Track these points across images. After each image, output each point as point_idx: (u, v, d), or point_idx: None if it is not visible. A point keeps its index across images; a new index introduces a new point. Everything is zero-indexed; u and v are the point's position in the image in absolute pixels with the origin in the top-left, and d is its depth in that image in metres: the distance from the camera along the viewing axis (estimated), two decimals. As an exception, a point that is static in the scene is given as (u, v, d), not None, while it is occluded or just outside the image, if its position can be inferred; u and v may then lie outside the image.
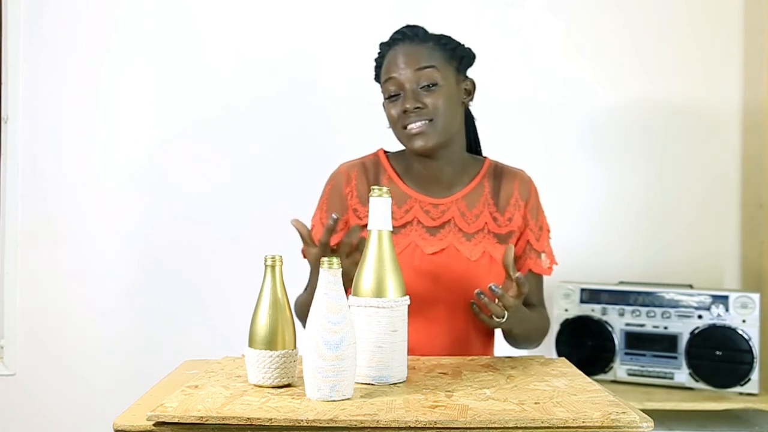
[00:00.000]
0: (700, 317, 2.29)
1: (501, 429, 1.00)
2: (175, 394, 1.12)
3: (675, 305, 2.32)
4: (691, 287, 2.40)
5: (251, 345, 1.20)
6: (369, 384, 1.19)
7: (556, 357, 1.72)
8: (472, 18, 2.65)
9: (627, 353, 2.34)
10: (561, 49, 2.67)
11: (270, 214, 2.61)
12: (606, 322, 2.36)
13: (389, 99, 1.53)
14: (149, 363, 2.07)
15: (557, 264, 1.66)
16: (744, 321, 2.24)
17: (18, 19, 2.66)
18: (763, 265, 2.55)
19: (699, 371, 2.27)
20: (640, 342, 2.33)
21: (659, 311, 2.33)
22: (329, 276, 1.11)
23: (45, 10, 2.67)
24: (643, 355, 2.33)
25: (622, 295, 2.37)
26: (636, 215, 2.66)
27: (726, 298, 2.27)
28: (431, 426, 1.00)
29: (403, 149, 1.60)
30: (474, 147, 1.69)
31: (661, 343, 2.31)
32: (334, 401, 1.08)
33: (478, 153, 1.70)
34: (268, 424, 1.01)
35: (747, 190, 2.64)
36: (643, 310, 2.34)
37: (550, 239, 1.66)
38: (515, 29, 2.68)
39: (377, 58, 1.59)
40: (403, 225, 1.55)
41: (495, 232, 1.58)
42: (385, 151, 1.65)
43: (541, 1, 2.68)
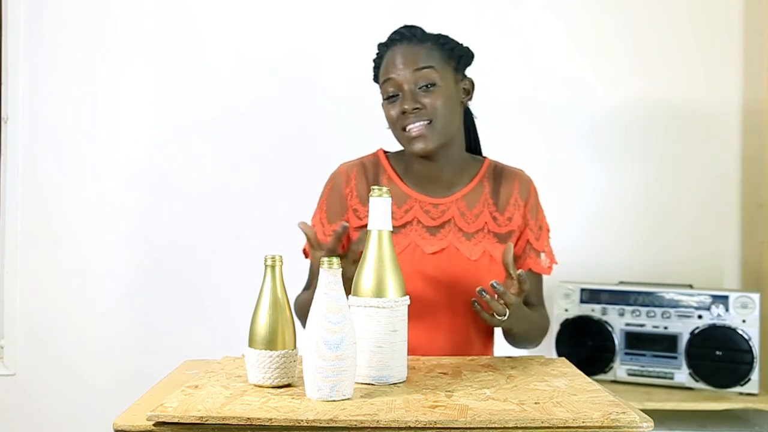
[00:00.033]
0: (700, 317, 2.29)
1: (501, 429, 1.00)
2: (175, 394, 1.12)
3: (675, 305, 2.32)
4: (691, 287, 2.40)
5: (251, 345, 1.20)
6: (369, 384, 1.19)
7: (556, 357, 1.72)
8: (472, 18, 2.65)
9: (627, 353, 2.34)
10: (561, 49, 2.67)
11: (270, 214, 2.62)
12: (606, 322, 2.36)
13: (388, 99, 1.54)
14: (149, 363, 2.07)
15: (557, 263, 1.66)
16: (744, 321, 2.24)
17: (18, 19, 2.66)
18: (763, 265, 2.55)
19: (699, 371, 2.27)
20: (640, 342, 2.33)
21: (659, 311, 2.33)
22: (329, 276, 1.11)
23: (45, 10, 2.67)
24: (643, 355, 2.33)
25: (622, 295, 2.37)
26: (636, 215, 2.66)
27: (726, 298, 2.27)
28: (431, 426, 1.00)
29: (403, 149, 1.60)
30: (474, 146, 1.69)
31: (661, 343, 2.31)
32: (334, 401, 1.08)
33: (478, 152, 1.70)
34: (268, 424, 1.01)
35: (747, 190, 2.64)
36: (643, 310, 2.34)
37: (549, 239, 1.66)
38: (515, 29, 2.68)
39: (375, 58, 1.59)
40: (403, 225, 1.55)
41: (495, 231, 1.58)
42: (385, 151, 1.66)
43: (541, 1, 2.68)
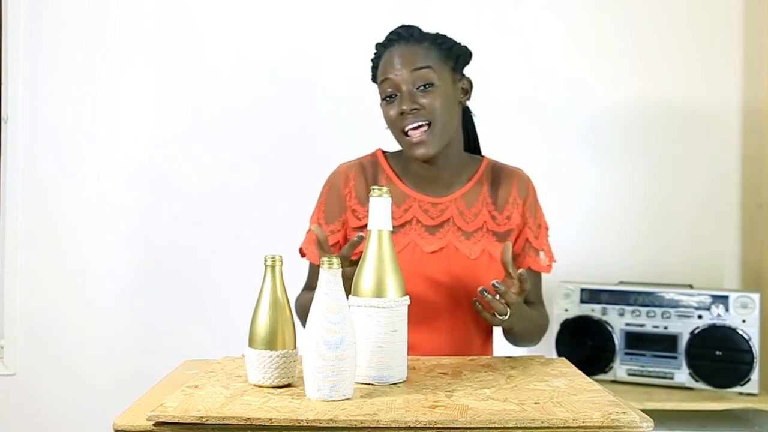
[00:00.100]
0: (700, 317, 2.29)
1: (501, 429, 1.00)
2: (175, 394, 1.12)
3: (675, 305, 2.32)
4: (691, 287, 2.39)
5: (251, 345, 1.20)
6: (369, 384, 1.19)
7: (556, 357, 1.72)
8: (472, 18, 2.65)
9: (627, 353, 2.34)
10: (561, 49, 2.67)
11: (270, 214, 2.62)
12: (606, 322, 2.36)
13: (386, 100, 1.54)
14: (149, 363, 2.08)
15: (556, 262, 1.66)
16: (744, 321, 2.24)
17: (18, 19, 2.66)
18: (763, 265, 2.55)
19: (699, 371, 2.27)
20: (640, 342, 2.33)
21: (659, 311, 2.33)
22: (329, 276, 1.11)
23: (45, 10, 2.67)
24: (643, 355, 2.33)
25: (622, 295, 2.37)
26: (636, 215, 2.66)
27: (726, 298, 2.27)
28: (431, 426, 1.00)
29: (401, 149, 1.60)
30: (473, 146, 1.69)
31: (661, 343, 2.31)
32: (334, 401, 1.08)
33: (477, 151, 1.70)
34: (268, 424, 1.01)
35: (747, 190, 2.64)
36: (643, 310, 2.34)
37: (548, 237, 1.66)
38: (515, 29, 2.68)
39: (373, 58, 1.59)
40: (402, 224, 1.55)
41: (494, 230, 1.58)
42: (384, 151, 1.66)
43: (541, 1, 2.68)
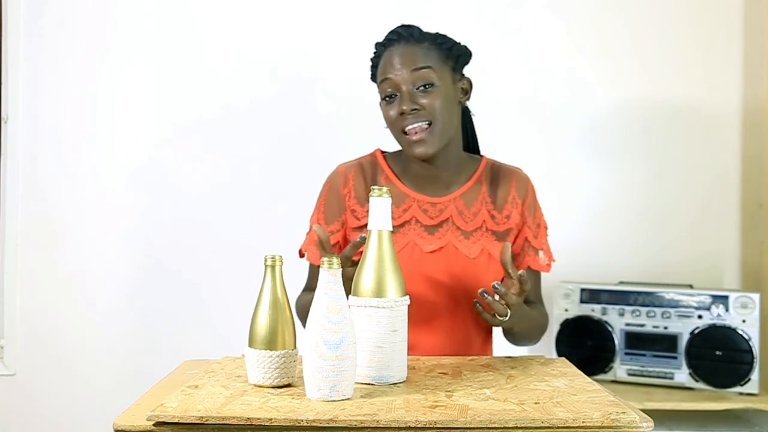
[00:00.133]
0: (700, 317, 2.29)
1: (501, 429, 1.00)
2: (175, 394, 1.12)
3: (675, 305, 2.32)
4: (691, 287, 2.39)
5: (251, 345, 1.20)
6: (369, 384, 1.19)
7: (556, 357, 1.72)
8: (472, 18, 2.65)
9: (627, 353, 2.34)
10: (561, 49, 2.67)
11: (270, 214, 2.62)
12: (606, 322, 2.36)
13: (385, 100, 1.53)
14: (149, 363, 2.08)
15: (555, 261, 1.66)
16: (744, 321, 2.24)
17: (18, 19, 2.66)
18: (763, 265, 2.55)
19: (699, 371, 2.27)
20: (640, 342, 2.33)
21: (659, 311, 2.33)
22: (329, 276, 1.11)
23: (45, 10, 2.67)
24: (643, 355, 2.33)
25: (622, 295, 2.37)
26: (636, 215, 2.66)
27: (726, 298, 2.27)
28: (431, 426, 1.00)
29: (400, 149, 1.60)
30: (472, 145, 1.69)
31: (661, 343, 2.31)
32: (334, 401, 1.08)
33: (476, 151, 1.70)
34: (268, 424, 1.01)
35: (747, 190, 2.64)
36: (643, 310, 2.34)
37: (547, 236, 1.66)
38: (515, 29, 2.68)
39: (373, 57, 1.59)
40: (402, 224, 1.55)
41: (493, 229, 1.58)
42: (383, 152, 1.65)
43: (541, 1, 2.68)
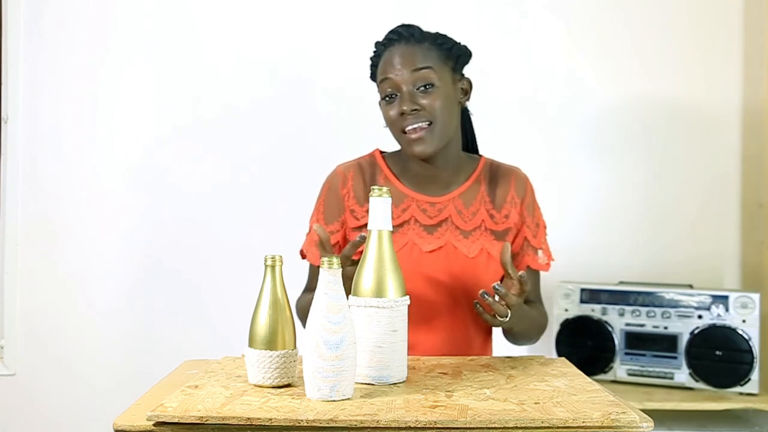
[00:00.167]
0: (700, 317, 2.29)
1: (501, 429, 1.00)
2: (175, 394, 1.12)
3: (675, 305, 2.32)
4: (691, 287, 2.39)
5: (251, 345, 1.20)
6: (369, 384, 1.19)
7: (556, 357, 1.72)
8: (472, 18, 2.65)
9: (627, 353, 2.34)
10: (561, 49, 2.67)
11: (270, 214, 2.62)
12: (606, 322, 2.36)
13: (385, 99, 1.53)
14: (149, 363, 2.07)
15: (554, 260, 1.66)
16: (744, 321, 2.24)
17: (18, 19, 2.66)
18: (763, 265, 2.55)
19: (699, 371, 2.27)
20: (640, 342, 2.33)
21: (659, 311, 2.33)
22: (329, 276, 1.11)
23: (45, 10, 2.67)
24: (643, 355, 2.33)
25: (622, 295, 2.37)
26: (636, 215, 2.66)
27: (726, 298, 2.27)
28: (431, 426, 1.00)
29: (399, 149, 1.60)
30: (470, 145, 1.69)
31: (661, 343, 2.31)
32: (334, 401, 1.08)
33: (474, 151, 1.70)
34: (268, 424, 1.01)
35: (747, 190, 2.64)
36: (643, 310, 2.34)
37: (546, 236, 1.66)
38: (515, 29, 2.68)
39: (373, 57, 1.59)
40: (401, 224, 1.55)
41: (492, 229, 1.58)
42: (381, 152, 1.65)
43: (541, 1, 2.68)
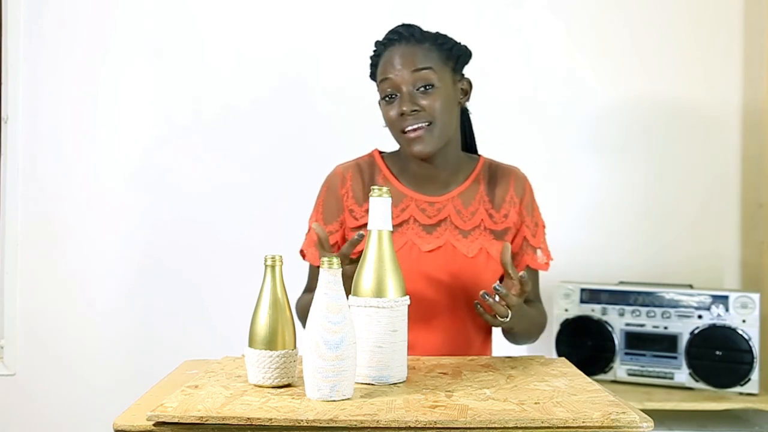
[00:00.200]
0: (700, 317, 2.29)
1: (501, 429, 1.00)
2: (175, 394, 1.12)
3: (675, 305, 2.32)
4: (691, 287, 2.39)
5: (251, 345, 1.20)
6: (369, 384, 1.19)
7: (556, 357, 1.72)
8: (472, 18, 2.65)
9: (627, 353, 2.34)
10: (561, 49, 2.67)
11: (270, 214, 2.62)
12: (606, 322, 2.36)
13: (385, 99, 1.53)
14: (149, 363, 2.07)
15: (553, 260, 1.66)
16: (744, 321, 2.24)
17: (18, 19, 2.66)
18: (763, 265, 2.55)
19: (699, 371, 2.27)
20: (640, 342, 2.33)
21: (659, 311, 2.33)
22: (329, 276, 1.11)
23: (45, 10, 2.67)
24: (643, 355, 2.33)
25: (622, 295, 2.37)
26: (636, 215, 2.66)
27: (726, 298, 2.27)
28: (431, 426, 1.00)
29: (398, 149, 1.60)
30: (470, 145, 1.69)
31: (661, 343, 2.31)
32: (334, 401, 1.08)
33: (474, 150, 1.70)
34: (268, 424, 1.01)
35: (747, 190, 2.64)
36: (643, 310, 2.34)
37: (545, 235, 1.66)
38: (515, 29, 2.68)
39: (373, 56, 1.59)
40: (400, 224, 1.55)
41: (491, 228, 1.58)
42: (380, 152, 1.65)
43: (541, 1, 2.68)
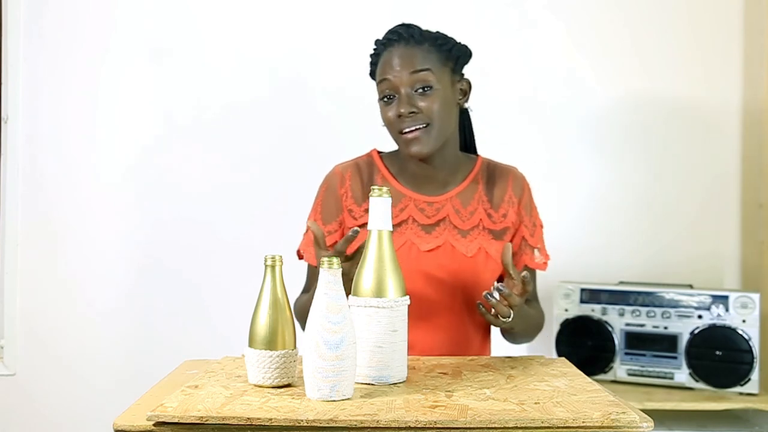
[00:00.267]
0: (700, 317, 2.29)
1: (501, 429, 1.00)
2: (175, 394, 1.12)
3: (675, 305, 2.32)
4: (691, 287, 2.39)
5: (251, 345, 1.20)
6: (369, 384, 1.19)
7: (556, 357, 1.72)
8: (472, 18, 2.65)
9: (627, 353, 2.34)
10: (561, 49, 2.67)
11: (270, 214, 2.62)
12: (606, 322, 2.36)
13: (384, 100, 1.53)
14: (149, 363, 2.07)
15: (550, 259, 1.66)
16: (744, 321, 2.24)
17: (18, 19, 2.66)
18: (763, 265, 2.55)
19: (699, 371, 2.27)
20: (640, 342, 2.33)
21: (659, 311, 2.33)
22: (329, 276, 1.11)
23: (45, 10, 2.67)
24: (643, 355, 2.33)
25: (622, 295, 2.37)
26: (636, 215, 2.66)
27: (726, 298, 2.27)
28: (431, 426, 1.00)
29: (397, 149, 1.60)
30: (469, 145, 1.69)
31: (661, 343, 2.31)
32: (334, 401, 1.08)
33: (473, 150, 1.70)
34: (268, 424, 1.01)
35: (747, 190, 2.64)
36: (643, 310, 2.34)
37: (543, 235, 1.66)
38: (515, 29, 2.68)
39: (372, 55, 1.59)
40: (399, 224, 1.55)
41: (490, 228, 1.58)
42: (379, 152, 1.65)
43: (541, 1, 2.68)
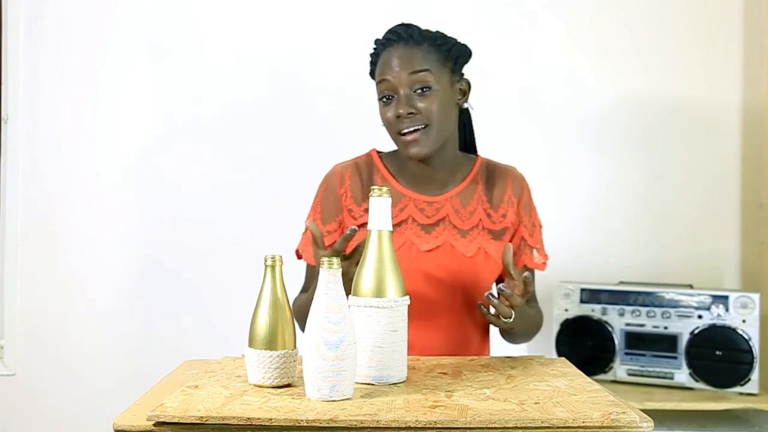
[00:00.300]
0: (700, 317, 2.29)
1: (501, 429, 1.00)
2: (175, 394, 1.12)
3: (675, 305, 2.32)
4: (691, 287, 2.39)
5: (251, 345, 1.20)
6: (369, 384, 1.19)
7: (556, 357, 1.72)
8: (472, 18, 2.65)
9: (627, 353, 2.34)
10: (561, 49, 2.67)
11: (270, 214, 2.62)
12: (606, 322, 2.36)
13: (383, 100, 1.53)
14: (149, 363, 2.07)
15: (549, 259, 1.67)
16: (744, 321, 2.24)
17: (18, 19, 2.66)
18: (763, 265, 2.55)
19: (699, 371, 2.27)
20: (640, 342, 2.33)
21: (659, 311, 2.33)
22: (329, 276, 1.11)
23: (45, 10, 2.67)
24: (643, 355, 2.33)
25: (622, 295, 2.37)
26: (636, 215, 2.66)
27: (726, 298, 2.27)
28: (431, 426, 1.00)
29: (396, 149, 1.60)
30: (469, 145, 1.69)
31: (661, 343, 2.31)
32: (334, 401, 1.08)
33: (473, 150, 1.70)
34: (268, 424, 1.01)
35: (747, 190, 2.64)
36: (643, 310, 2.34)
37: (542, 235, 1.66)
38: (515, 29, 2.68)
39: (372, 54, 1.58)
40: (398, 224, 1.55)
41: (489, 228, 1.58)
42: (378, 152, 1.65)
43: (541, 1, 2.68)
